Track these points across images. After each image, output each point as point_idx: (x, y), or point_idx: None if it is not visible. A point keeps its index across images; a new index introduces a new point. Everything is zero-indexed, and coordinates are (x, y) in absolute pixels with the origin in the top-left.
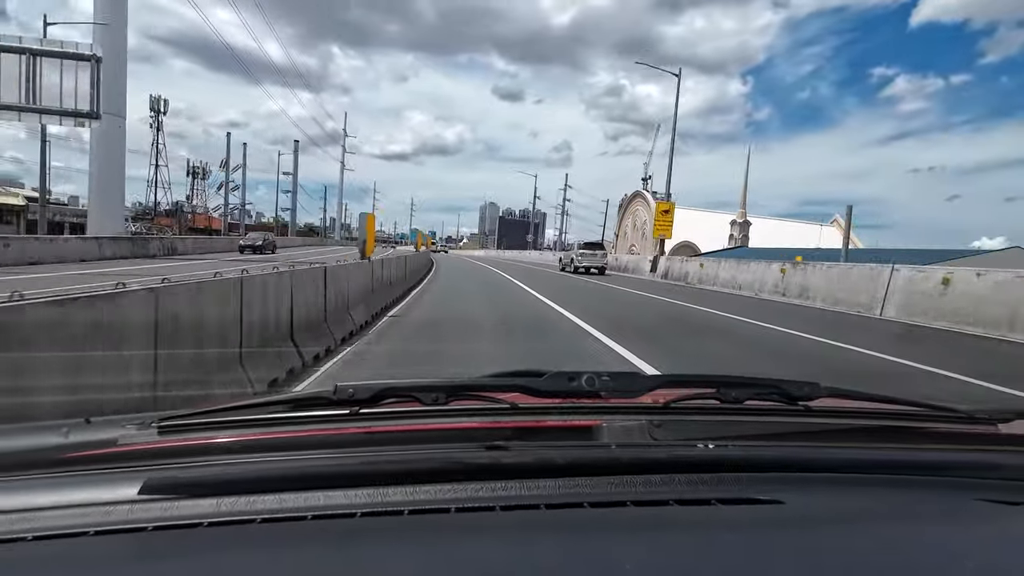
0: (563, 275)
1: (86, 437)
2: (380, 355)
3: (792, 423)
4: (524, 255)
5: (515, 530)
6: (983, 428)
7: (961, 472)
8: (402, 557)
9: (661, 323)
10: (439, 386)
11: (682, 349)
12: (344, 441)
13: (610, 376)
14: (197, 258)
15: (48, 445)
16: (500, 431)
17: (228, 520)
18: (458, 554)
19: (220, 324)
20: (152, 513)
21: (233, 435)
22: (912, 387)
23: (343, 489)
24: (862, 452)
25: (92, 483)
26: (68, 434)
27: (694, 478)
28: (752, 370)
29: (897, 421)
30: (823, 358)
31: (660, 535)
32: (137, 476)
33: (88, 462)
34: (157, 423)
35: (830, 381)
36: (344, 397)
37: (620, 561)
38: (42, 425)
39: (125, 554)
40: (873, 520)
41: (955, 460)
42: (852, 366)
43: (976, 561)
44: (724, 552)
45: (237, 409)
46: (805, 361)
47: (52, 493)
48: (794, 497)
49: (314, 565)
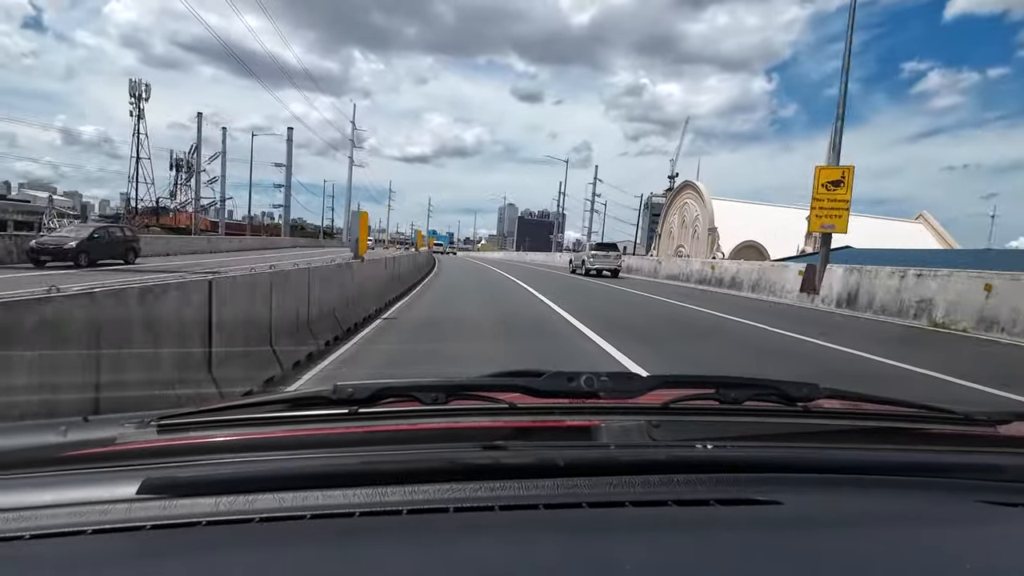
0: (604, 288)
1: (84, 436)
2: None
3: (791, 424)
4: (552, 258)
5: (514, 530)
6: (982, 430)
7: (961, 474)
8: (400, 557)
9: None
10: (438, 386)
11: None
12: (343, 440)
13: (609, 376)
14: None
15: (46, 443)
16: (499, 431)
17: (226, 519)
18: (456, 554)
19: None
20: (150, 512)
21: (232, 434)
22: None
23: (342, 489)
24: (861, 453)
25: (90, 482)
26: (66, 432)
27: (693, 479)
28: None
29: (896, 423)
30: None
31: (659, 536)
32: (135, 475)
33: (86, 460)
34: (156, 422)
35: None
36: (343, 396)
37: (619, 561)
38: (40, 423)
39: (123, 553)
40: (872, 521)
41: (954, 462)
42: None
43: (977, 563)
44: (723, 553)
45: (236, 408)
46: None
47: (50, 491)
48: (793, 498)
49: (312, 565)
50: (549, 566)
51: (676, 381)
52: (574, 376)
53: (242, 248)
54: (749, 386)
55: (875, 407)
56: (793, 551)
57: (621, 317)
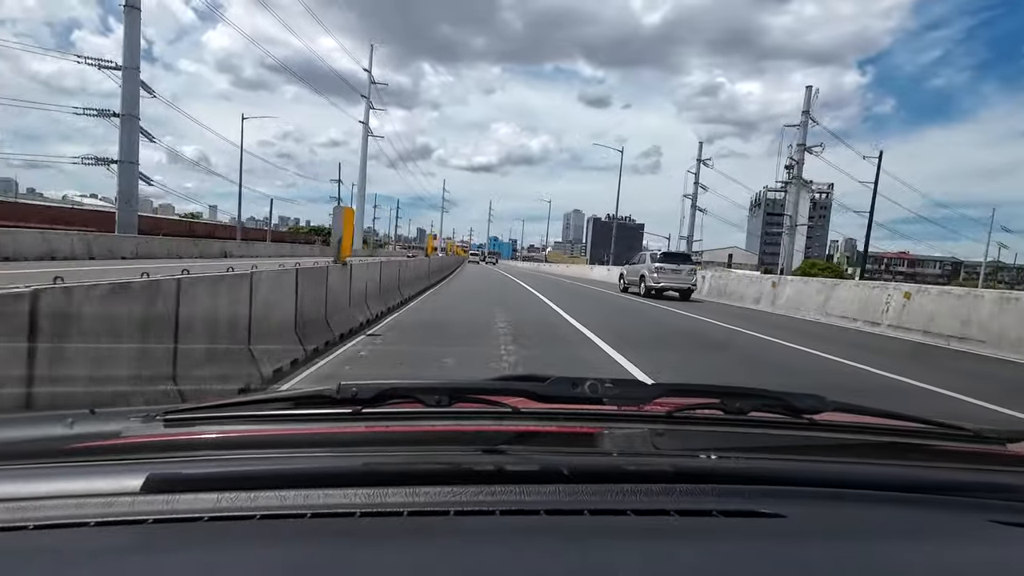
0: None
1: (91, 428)
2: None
3: (796, 436)
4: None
5: (514, 535)
6: (992, 448)
7: (971, 493)
8: (400, 558)
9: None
10: (442, 388)
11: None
12: (345, 440)
13: (613, 383)
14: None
15: (53, 435)
16: (502, 435)
17: (228, 516)
18: (456, 557)
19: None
20: (154, 506)
21: (236, 430)
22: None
23: (343, 488)
24: (868, 468)
25: (95, 474)
26: (73, 425)
27: (696, 489)
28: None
29: (904, 438)
30: None
31: (660, 545)
32: (140, 469)
33: (92, 453)
34: (161, 416)
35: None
36: (347, 396)
37: (619, 570)
38: (47, 415)
39: (125, 546)
40: (878, 538)
41: (965, 480)
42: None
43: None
44: (724, 564)
45: (240, 405)
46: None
47: (55, 483)
48: (797, 511)
49: (311, 564)
50: (549, 572)
51: (681, 390)
52: (578, 382)
53: (245, 254)
54: (754, 397)
55: (882, 422)
56: (796, 565)
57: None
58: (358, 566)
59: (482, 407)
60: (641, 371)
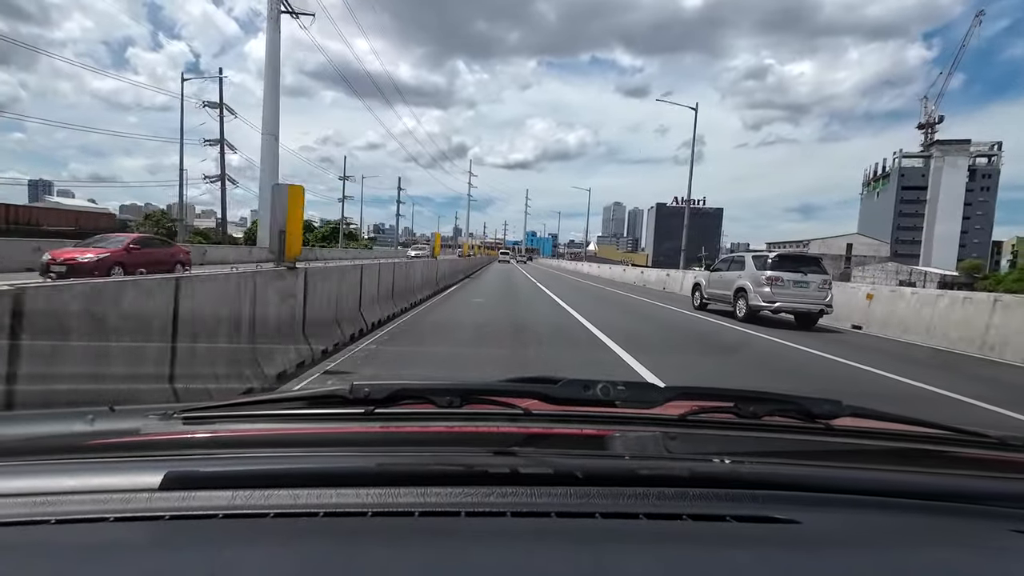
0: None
1: (110, 425)
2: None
3: (812, 441)
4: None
5: (525, 537)
6: (1016, 456)
7: (994, 501)
8: (410, 559)
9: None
10: (454, 389)
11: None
12: (358, 440)
13: (625, 386)
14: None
15: (73, 432)
16: (513, 437)
17: (242, 513)
18: (467, 558)
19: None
20: (170, 503)
21: (252, 429)
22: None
23: (355, 488)
24: (885, 475)
25: (114, 470)
26: (93, 422)
27: (709, 493)
28: None
29: (924, 444)
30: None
31: (672, 550)
32: (158, 466)
33: (111, 450)
34: (179, 414)
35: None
36: (360, 396)
37: (631, 574)
38: (68, 412)
39: (142, 541)
40: (897, 547)
41: (987, 488)
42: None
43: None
44: (737, 570)
45: (256, 404)
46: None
47: (75, 478)
48: (812, 518)
49: (323, 562)
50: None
51: (694, 393)
52: (590, 384)
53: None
54: (769, 401)
55: (902, 428)
56: (811, 572)
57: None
58: (369, 565)
59: (494, 408)
60: None
